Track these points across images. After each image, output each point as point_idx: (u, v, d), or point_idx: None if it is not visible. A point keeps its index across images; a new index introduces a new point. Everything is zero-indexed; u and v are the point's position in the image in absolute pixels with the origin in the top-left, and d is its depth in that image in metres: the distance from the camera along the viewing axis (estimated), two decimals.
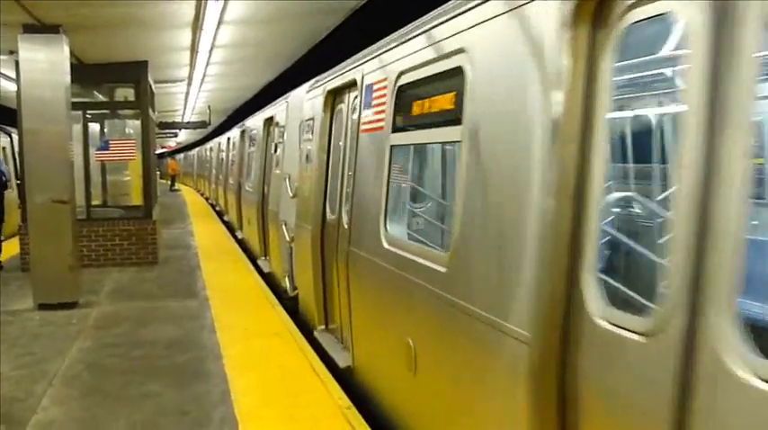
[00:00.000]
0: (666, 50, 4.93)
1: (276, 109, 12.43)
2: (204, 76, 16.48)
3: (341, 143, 7.25)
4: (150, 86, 13.90)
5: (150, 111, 14.09)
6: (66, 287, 9.57)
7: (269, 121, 13.25)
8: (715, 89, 2.28)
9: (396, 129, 5.39)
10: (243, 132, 18.07)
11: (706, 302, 2.29)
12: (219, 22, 10.29)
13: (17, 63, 9.71)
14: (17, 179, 17.45)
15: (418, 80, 4.94)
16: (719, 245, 2.25)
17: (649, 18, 2.73)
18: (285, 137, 10.89)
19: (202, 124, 29.07)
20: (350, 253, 6.20)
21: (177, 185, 45.83)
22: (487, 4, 3.78)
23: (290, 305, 9.35)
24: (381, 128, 5.65)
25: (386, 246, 5.25)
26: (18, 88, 9.72)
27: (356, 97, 6.57)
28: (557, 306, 3.02)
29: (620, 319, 2.72)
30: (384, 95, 5.60)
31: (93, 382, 6.51)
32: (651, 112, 6.91)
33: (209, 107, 25.07)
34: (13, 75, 11.92)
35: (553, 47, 3.10)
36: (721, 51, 2.27)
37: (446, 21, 4.39)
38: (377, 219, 5.47)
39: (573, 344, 2.97)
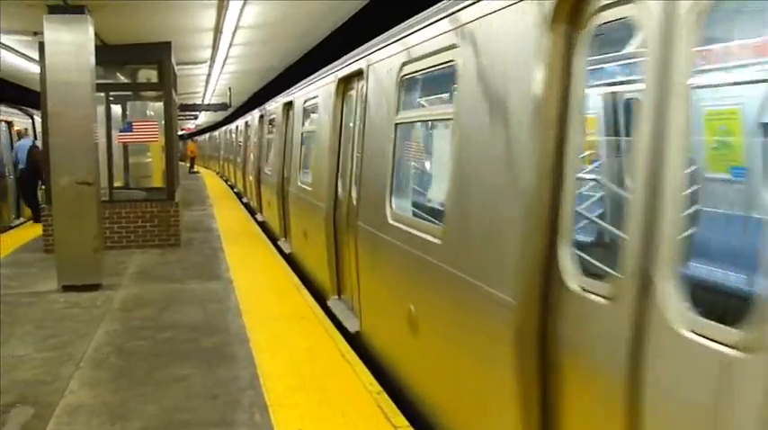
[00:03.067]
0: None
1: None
2: (227, 57, 16.41)
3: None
4: (173, 68, 13.83)
5: (173, 92, 14.03)
6: (90, 269, 9.55)
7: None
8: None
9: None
10: (261, 117, 18.18)
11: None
12: (245, 2, 10.19)
13: (41, 45, 9.66)
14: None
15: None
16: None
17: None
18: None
19: (223, 106, 29.09)
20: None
21: (196, 168, 46.15)
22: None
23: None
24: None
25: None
26: (42, 70, 9.69)
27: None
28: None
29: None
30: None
31: (120, 365, 6.47)
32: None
33: (229, 89, 25.05)
34: (35, 56, 11.93)
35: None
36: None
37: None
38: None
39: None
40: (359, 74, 7.68)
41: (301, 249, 11.09)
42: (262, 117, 18.16)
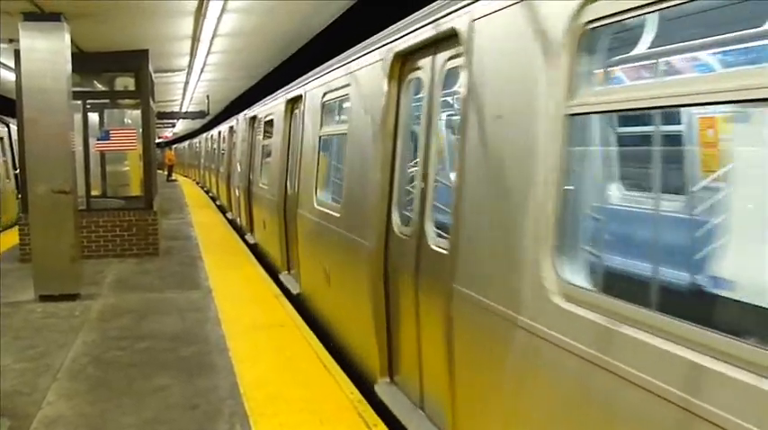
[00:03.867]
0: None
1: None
2: (204, 65, 16.34)
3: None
4: (151, 76, 13.76)
5: (151, 100, 13.95)
6: (67, 278, 9.47)
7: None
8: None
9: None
10: (253, 119, 16.01)
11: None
12: (223, 11, 10.17)
13: (17, 52, 9.58)
14: (14, 169, 17.41)
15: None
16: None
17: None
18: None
19: (201, 114, 28.97)
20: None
21: (174, 176, 45.96)
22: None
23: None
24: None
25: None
26: (18, 77, 9.60)
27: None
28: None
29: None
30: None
31: (98, 376, 6.41)
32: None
33: (207, 97, 24.94)
34: (12, 64, 11.82)
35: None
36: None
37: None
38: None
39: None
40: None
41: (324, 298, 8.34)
42: (253, 120, 15.80)
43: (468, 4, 4.19)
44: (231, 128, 20.90)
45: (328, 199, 8.51)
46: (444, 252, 4.40)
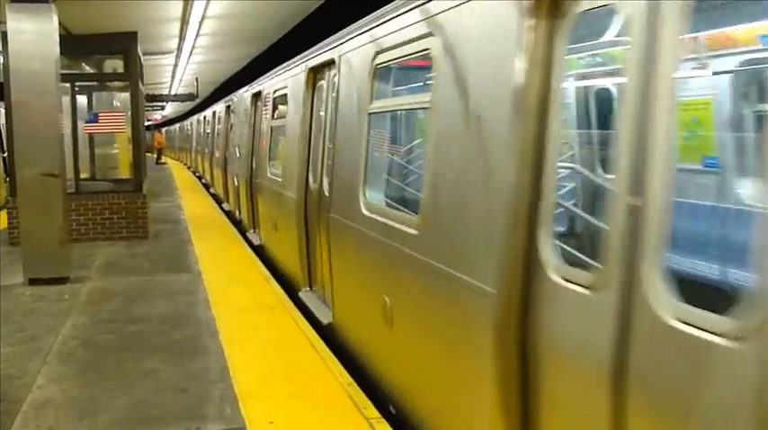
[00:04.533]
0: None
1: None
2: (193, 47, 16.28)
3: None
4: (139, 58, 13.68)
5: (140, 83, 13.88)
6: (57, 262, 9.44)
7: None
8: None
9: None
10: (257, 96, 13.34)
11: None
12: None
13: (4, 34, 9.51)
14: (3, 152, 17.31)
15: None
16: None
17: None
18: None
19: (190, 97, 28.88)
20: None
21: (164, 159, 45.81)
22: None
23: None
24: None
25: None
26: (5, 60, 9.51)
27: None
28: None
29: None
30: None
31: (88, 359, 6.41)
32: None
33: (196, 79, 24.85)
34: None
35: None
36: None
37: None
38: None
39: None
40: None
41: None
42: (257, 96, 13.22)
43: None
44: (228, 107, 18.64)
45: (390, 201, 6.56)
46: None
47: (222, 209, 18.21)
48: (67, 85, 12.41)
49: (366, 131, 6.05)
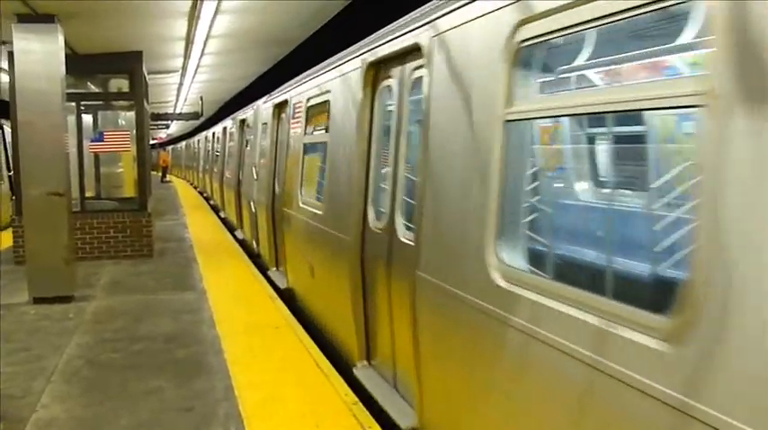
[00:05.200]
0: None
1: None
2: (198, 66, 16.32)
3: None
4: (144, 77, 13.74)
5: (145, 102, 13.94)
6: (62, 280, 9.45)
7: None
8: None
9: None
10: (281, 106, 11.61)
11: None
12: (216, 12, 10.16)
13: (10, 54, 9.55)
14: (9, 171, 17.35)
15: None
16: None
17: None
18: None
19: (195, 115, 28.89)
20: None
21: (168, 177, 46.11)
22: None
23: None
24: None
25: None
26: (11, 79, 9.58)
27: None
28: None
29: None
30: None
31: (93, 378, 6.40)
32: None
33: (201, 98, 24.90)
34: (5, 66, 11.80)
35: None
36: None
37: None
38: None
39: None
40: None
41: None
42: (281, 107, 11.50)
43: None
44: (243, 121, 16.53)
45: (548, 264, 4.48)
46: None
47: (235, 237, 16.36)
48: (73, 104, 12.44)
49: (501, 150, 3.76)
